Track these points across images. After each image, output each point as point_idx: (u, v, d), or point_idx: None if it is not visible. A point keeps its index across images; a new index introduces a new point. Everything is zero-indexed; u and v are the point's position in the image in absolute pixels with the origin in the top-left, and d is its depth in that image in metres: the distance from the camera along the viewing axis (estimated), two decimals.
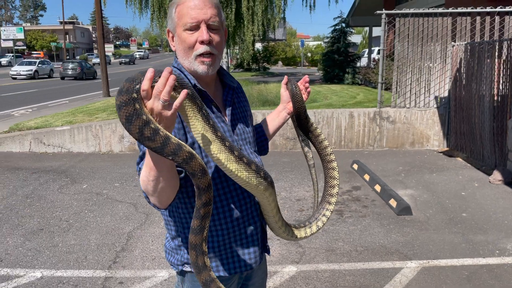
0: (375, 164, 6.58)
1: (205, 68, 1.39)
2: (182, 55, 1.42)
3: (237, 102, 1.57)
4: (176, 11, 1.40)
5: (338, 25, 17.34)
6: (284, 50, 53.81)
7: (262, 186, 1.27)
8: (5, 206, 4.87)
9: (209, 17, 1.37)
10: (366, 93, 11.42)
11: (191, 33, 1.37)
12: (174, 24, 1.42)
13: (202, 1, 1.37)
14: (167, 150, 1.02)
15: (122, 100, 0.98)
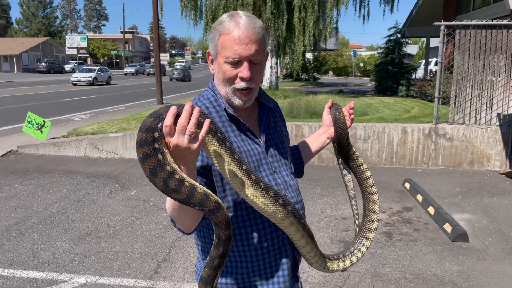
0: (429, 184, 6.22)
1: (242, 102, 1.38)
2: (220, 83, 1.39)
3: (272, 122, 1.53)
4: (219, 40, 1.35)
5: (393, 36, 16.82)
6: (335, 60, 53.20)
7: (280, 214, 1.21)
8: (58, 209, 5.07)
9: (253, 53, 1.32)
10: (421, 107, 10.93)
11: (232, 67, 1.33)
12: (215, 51, 1.38)
13: (247, 36, 1.31)
14: (194, 201, 1.01)
15: (142, 139, 0.96)
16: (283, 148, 1.52)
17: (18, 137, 9.05)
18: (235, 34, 1.30)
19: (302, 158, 1.71)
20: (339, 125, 1.56)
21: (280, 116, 1.62)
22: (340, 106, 1.60)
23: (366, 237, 1.55)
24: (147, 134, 0.96)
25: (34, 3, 73.79)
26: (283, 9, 13.56)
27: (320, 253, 1.44)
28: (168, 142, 1.01)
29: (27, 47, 53.94)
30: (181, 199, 0.99)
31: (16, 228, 4.49)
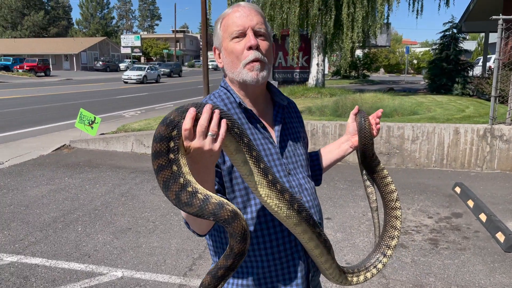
0: (482, 189, 5.82)
1: (254, 75, 1.30)
2: (230, 67, 1.34)
3: (288, 122, 1.46)
4: (221, 25, 1.35)
5: (448, 31, 15.99)
6: (387, 57, 51.57)
7: (293, 219, 1.14)
8: (102, 203, 5.25)
9: (255, 23, 1.30)
10: (477, 106, 10.29)
11: (238, 40, 1.30)
12: (220, 39, 1.36)
13: (248, 9, 1.33)
14: (207, 212, 0.96)
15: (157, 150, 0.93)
16: (299, 149, 1.45)
17: (72, 132, 9.50)
18: (236, 11, 1.32)
19: (321, 165, 1.63)
20: (364, 134, 1.47)
21: (297, 116, 1.55)
22: (366, 113, 1.50)
23: (384, 254, 1.45)
24: (161, 144, 0.93)
25: (92, 4, 77.54)
26: (331, 5, 13.26)
27: (336, 265, 1.35)
28: (187, 146, 0.97)
29: (86, 47, 56.81)
30: (194, 212, 0.95)
31: (63, 220, 4.69)
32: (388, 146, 7.02)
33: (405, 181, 6.25)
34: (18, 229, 4.42)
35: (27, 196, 5.47)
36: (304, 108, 10.26)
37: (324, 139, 7.29)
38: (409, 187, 5.98)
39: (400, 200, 1.50)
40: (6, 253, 3.87)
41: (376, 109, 8.93)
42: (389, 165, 7.08)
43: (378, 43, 29.81)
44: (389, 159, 7.06)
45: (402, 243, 4.15)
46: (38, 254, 3.87)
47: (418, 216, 4.90)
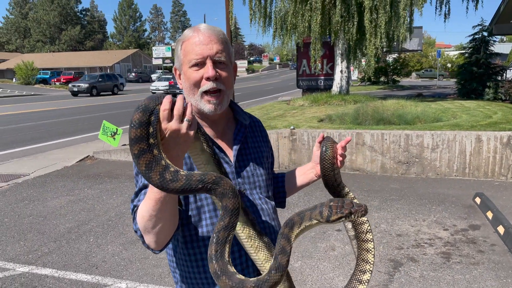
0: (505, 199, 5.56)
1: (211, 107, 1.31)
2: (188, 93, 1.34)
3: (250, 141, 1.46)
4: (181, 48, 1.35)
5: (477, 34, 15.48)
6: (419, 61, 50.39)
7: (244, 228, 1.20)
8: (116, 213, 5.37)
9: (215, 53, 1.29)
10: (506, 111, 9.87)
11: (197, 69, 1.30)
12: (180, 62, 1.36)
13: (208, 36, 1.30)
14: (194, 181, 0.99)
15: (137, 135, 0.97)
16: (259, 169, 1.44)
17: (97, 143, 9.81)
18: (195, 37, 1.30)
19: (285, 189, 1.61)
20: (325, 165, 1.40)
21: (262, 135, 1.55)
22: (332, 141, 1.43)
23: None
24: (141, 130, 0.97)
25: (126, 18, 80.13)
26: (353, 11, 13.13)
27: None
28: (165, 128, 1.01)
29: (119, 59, 58.67)
30: (181, 185, 0.98)
31: (77, 230, 4.83)
32: (407, 155, 6.84)
33: (424, 191, 6.06)
34: (34, 239, 4.59)
35: (47, 206, 5.68)
36: (324, 116, 10.16)
37: None
38: (427, 197, 5.80)
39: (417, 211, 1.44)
40: (20, 263, 4.02)
41: (398, 117, 8.74)
42: (408, 174, 6.89)
43: (409, 47, 29.19)
44: (408, 168, 6.87)
45: (413, 257, 4.02)
46: (49, 264, 4.00)
47: (433, 228, 4.74)
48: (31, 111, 19.43)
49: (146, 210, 1.14)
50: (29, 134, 12.20)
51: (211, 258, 1.02)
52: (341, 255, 4.09)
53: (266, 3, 15.24)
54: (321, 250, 4.21)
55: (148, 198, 1.13)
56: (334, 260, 4.00)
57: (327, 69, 16.54)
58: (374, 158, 7.03)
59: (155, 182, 0.97)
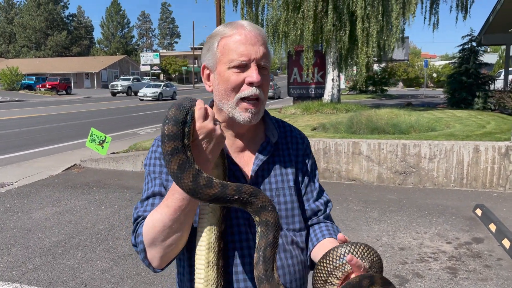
0: (505, 211, 5.47)
1: (248, 116, 1.13)
2: (222, 97, 1.15)
3: (278, 161, 1.23)
4: (219, 45, 1.14)
5: (467, 44, 15.60)
6: (405, 71, 50.97)
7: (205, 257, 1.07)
8: (106, 226, 5.12)
9: (261, 56, 1.12)
10: (499, 121, 9.88)
11: (238, 71, 1.11)
12: (215, 60, 1.15)
13: (255, 36, 1.12)
14: (229, 190, 0.93)
15: (173, 132, 0.90)
16: (283, 196, 1.21)
17: (84, 150, 9.50)
18: (240, 34, 1.12)
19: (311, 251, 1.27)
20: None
21: (295, 153, 1.28)
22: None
23: None
24: (177, 127, 0.91)
25: (113, 24, 79.55)
26: (345, 20, 13.11)
27: None
28: (200, 127, 0.95)
29: (106, 65, 58.06)
30: (215, 193, 0.91)
31: (63, 244, 4.56)
32: (404, 165, 6.73)
33: (422, 202, 5.94)
34: (18, 254, 4.31)
35: (31, 218, 5.39)
36: (318, 125, 10.04)
37: (337, 157, 7.05)
38: (426, 208, 5.67)
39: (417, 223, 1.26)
40: (2, 281, 3.75)
41: (392, 126, 8.65)
42: (406, 184, 6.78)
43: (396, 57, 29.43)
44: (406, 178, 6.75)
45: (418, 272, 3.87)
46: (34, 282, 3.73)
47: (435, 241, 4.60)
48: (15, 117, 18.95)
49: (161, 219, 1.01)
50: (13, 141, 11.81)
51: (262, 280, 0.95)
52: None
53: (257, 11, 15.16)
54: None
55: (165, 206, 1.01)
56: None
57: (318, 77, 16.49)
58: (371, 168, 6.90)
59: (187, 185, 0.90)
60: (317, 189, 1.30)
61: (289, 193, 1.22)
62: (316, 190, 1.30)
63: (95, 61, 60.00)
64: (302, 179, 1.28)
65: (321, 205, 1.30)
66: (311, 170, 1.30)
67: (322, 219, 1.30)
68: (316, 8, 13.11)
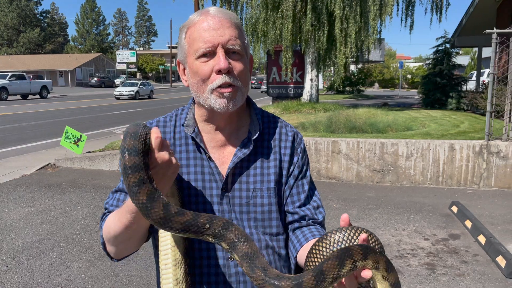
0: (479, 208, 5.61)
1: (223, 102, 1.06)
2: (196, 90, 1.10)
3: (259, 159, 1.15)
4: (186, 36, 1.10)
5: (441, 46, 15.97)
6: (381, 72, 51.84)
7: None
8: (82, 226, 4.98)
9: (227, 40, 1.05)
10: (472, 121, 10.15)
11: (205, 60, 1.06)
12: (184, 53, 1.11)
13: (219, 20, 1.06)
14: (202, 218, 0.89)
15: (136, 164, 0.86)
16: (258, 198, 1.13)
17: (59, 150, 9.25)
18: (203, 21, 1.07)
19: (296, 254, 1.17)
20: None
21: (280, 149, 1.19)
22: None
23: None
24: (139, 157, 0.87)
25: (88, 21, 77.94)
26: (323, 20, 13.21)
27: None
28: (156, 157, 0.91)
29: (81, 63, 56.83)
30: (186, 220, 0.87)
31: (38, 245, 4.42)
32: (382, 163, 6.82)
33: (400, 200, 6.03)
34: None
35: (4, 219, 5.19)
36: (297, 124, 10.07)
37: (317, 156, 7.08)
38: (404, 206, 5.76)
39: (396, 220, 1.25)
40: None
41: (370, 125, 8.76)
42: (384, 182, 6.87)
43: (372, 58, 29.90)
44: (384, 177, 6.84)
45: (398, 268, 3.91)
46: (8, 284, 3.59)
47: (414, 238, 4.67)
48: None
49: (114, 229, 1.02)
50: None
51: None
52: None
53: (236, 10, 15.12)
54: None
55: (118, 220, 1.01)
56: None
57: (296, 77, 16.57)
58: (350, 166, 6.96)
59: (159, 215, 0.85)
60: (306, 193, 1.20)
61: (268, 194, 1.14)
62: (305, 194, 1.19)
63: (69, 58, 58.64)
64: (287, 180, 1.18)
65: (308, 210, 1.19)
66: (300, 171, 1.20)
67: (312, 223, 1.19)
68: (295, 8, 13.17)
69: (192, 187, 1.11)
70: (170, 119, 1.20)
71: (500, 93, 8.04)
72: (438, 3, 14.64)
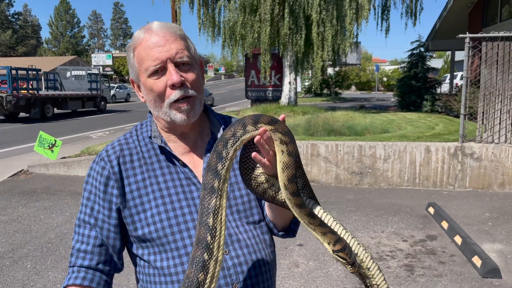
0: (455, 208, 5.73)
1: (183, 116, 1.11)
2: (153, 106, 1.14)
3: None
4: (134, 56, 1.12)
5: (416, 49, 16.31)
6: (358, 75, 52.59)
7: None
8: (57, 235, 4.85)
9: (175, 53, 1.08)
10: (446, 123, 10.38)
11: (158, 77, 1.09)
12: (136, 72, 1.14)
13: (163, 36, 1.09)
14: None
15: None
16: (237, 191, 1.20)
17: (33, 155, 9.00)
18: (148, 39, 1.09)
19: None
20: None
21: None
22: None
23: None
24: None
25: (62, 23, 76.40)
26: (301, 24, 13.30)
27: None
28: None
29: (55, 66, 55.48)
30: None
31: (11, 255, 4.27)
32: (360, 166, 6.90)
33: (379, 202, 6.10)
34: None
35: None
36: None
37: None
38: (382, 208, 5.83)
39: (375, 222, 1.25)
40: None
41: (348, 128, 8.86)
42: (362, 184, 6.94)
43: (349, 61, 30.33)
44: (362, 179, 6.92)
45: None
46: None
47: (392, 239, 4.73)
48: None
49: None
50: None
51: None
52: (306, 272, 3.93)
53: (214, 13, 15.07)
54: (285, 268, 4.03)
55: None
56: (300, 278, 3.82)
57: (275, 80, 16.64)
58: (329, 169, 7.01)
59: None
60: None
61: (243, 186, 1.19)
62: None
63: (43, 61, 57.18)
64: None
65: None
66: None
67: None
68: (272, 11, 13.22)
69: (172, 194, 1.14)
70: (131, 136, 1.22)
71: (473, 95, 8.26)
72: (412, 7, 14.95)
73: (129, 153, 1.17)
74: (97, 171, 1.17)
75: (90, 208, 1.17)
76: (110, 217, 1.15)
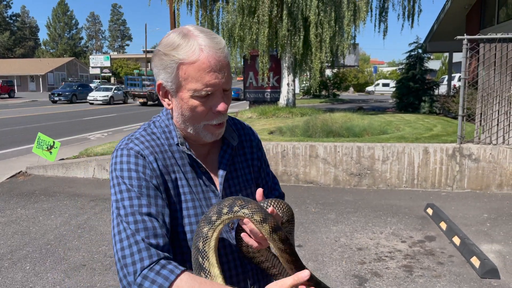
0: (453, 209, 5.74)
1: (214, 136, 1.16)
2: (186, 120, 1.12)
3: (238, 161, 1.27)
4: (180, 70, 1.06)
5: (413, 51, 16.36)
6: (356, 76, 52.71)
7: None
8: (56, 236, 4.84)
9: (226, 82, 1.08)
10: (444, 124, 10.41)
11: (204, 100, 1.08)
12: (175, 83, 1.08)
13: (218, 61, 1.05)
14: None
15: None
16: (248, 196, 1.23)
17: (31, 157, 8.98)
18: (202, 61, 1.04)
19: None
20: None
21: (250, 152, 1.32)
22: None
23: None
24: None
25: (60, 25, 76.33)
26: (299, 25, 13.34)
27: None
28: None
29: (53, 67, 55.51)
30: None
31: (10, 257, 4.26)
32: (359, 167, 6.91)
33: (377, 203, 6.12)
34: None
35: None
36: (275, 129, 10.11)
37: (294, 160, 7.12)
38: (381, 209, 5.84)
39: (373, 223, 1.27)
40: None
41: (346, 129, 8.87)
42: (361, 186, 6.96)
43: (347, 63, 30.39)
44: (360, 180, 6.93)
45: (376, 271, 3.96)
46: None
47: (391, 240, 4.74)
48: None
49: None
50: None
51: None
52: None
53: (212, 15, 15.08)
54: None
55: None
56: None
57: (273, 82, 16.66)
58: (327, 170, 7.03)
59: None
60: (269, 175, 1.40)
61: (251, 191, 1.25)
62: (269, 175, 1.39)
63: (40, 63, 57.19)
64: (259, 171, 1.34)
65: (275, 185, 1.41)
66: (264, 161, 1.37)
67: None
68: (271, 13, 13.25)
69: (201, 199, 1.15)
70: (150, 134, 1.15)
71: (471, 97, 8.29)
72: (410, 9, 15.00)
73: (159, 150, 1.12)
74: (138, 163, 1.07)
75: (146, 195, 1.04)
76: (164, 206, 1.07)
